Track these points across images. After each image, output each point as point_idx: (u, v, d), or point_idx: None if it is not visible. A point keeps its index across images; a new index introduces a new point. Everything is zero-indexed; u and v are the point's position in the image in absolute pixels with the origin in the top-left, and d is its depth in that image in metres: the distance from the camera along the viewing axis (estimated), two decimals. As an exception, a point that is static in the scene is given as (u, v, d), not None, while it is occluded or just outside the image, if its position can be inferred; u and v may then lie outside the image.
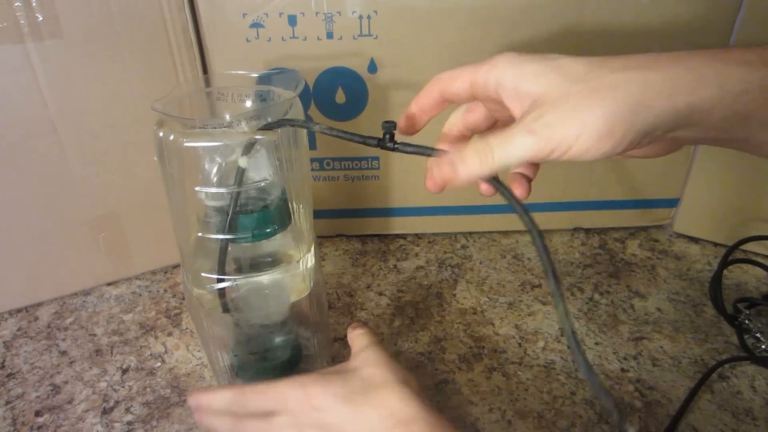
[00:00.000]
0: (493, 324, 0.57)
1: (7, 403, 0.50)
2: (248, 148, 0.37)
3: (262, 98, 0.42)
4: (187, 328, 0.57)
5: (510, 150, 0.29)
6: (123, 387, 0.51)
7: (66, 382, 0.52)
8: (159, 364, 0.53)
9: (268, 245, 0.41)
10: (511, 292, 0.62)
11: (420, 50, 0.58)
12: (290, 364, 0.46)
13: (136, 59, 0.54)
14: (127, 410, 0.49)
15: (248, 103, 0.42)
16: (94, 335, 0.57)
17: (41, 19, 0.49)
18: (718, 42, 0.59)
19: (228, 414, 0.36)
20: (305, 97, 0.60)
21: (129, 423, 0.48)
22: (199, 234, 0.40)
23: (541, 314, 0.59)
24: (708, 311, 0.59)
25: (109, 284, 0.63)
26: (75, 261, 0.60)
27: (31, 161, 0.54)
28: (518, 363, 0.53)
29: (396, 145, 0.34)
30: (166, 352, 0.55)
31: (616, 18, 0.57)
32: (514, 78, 0.31)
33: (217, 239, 0.39)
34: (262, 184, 0.39)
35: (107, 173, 0.57)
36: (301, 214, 0.43)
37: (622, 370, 0.52)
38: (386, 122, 0.34)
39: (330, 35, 0.56)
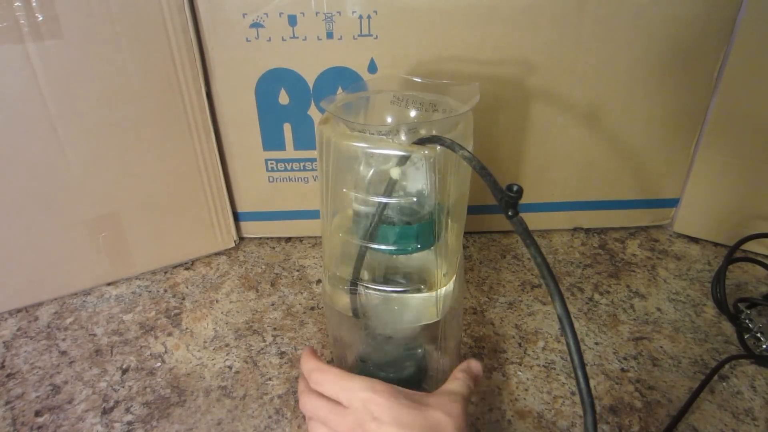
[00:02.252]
0: (493, 324, 0.57)
1: (7, 403, 0.50)
2: (403, 159, 0.36)
3: (434, 109, 0.41)
4: (187, 328, 0.57)
5: None
6: (123, 387, 0.51)
7: (66, 382, 0.52)
8: (159, 364, 0.53)
9: (407, 261, 0.40)
10: (511, 292, 0.62)
11: (420, 50, 0.58)
12: (413, 380, 0.45)
13: (136, 59, 0.54)
14: (127, 410, 0.49)
15: (413, 113, 0.41)
16: (94, 335, 0.57)
17: (41, 19, 0.49)
18: (718, 42, 0.59)
19: (305, 380, 0.39)
20: (305, 97, 0.60)
21: (129, 423, 0.48)
22: (340, 234, 0.39)
23: (541, 314, 0.59)
24: (708, 311, 0.59)
25: (109, 284, 0.63)
26: (75, 261, 0.60)
27: (31, 161, 0.54)
28: (518, 363, 0.53)
29: (513, 218, 0.31)
30: (166, 352, 0.55)
31: (616, 18, 0.57)
32: None
33: (357, 244, 0.38)
34: (412, 200, 0.37)
35: (107, 173, 0.57)
36: (451, 237, 0.40)
37: (622, 370, 0.52)
38: (513, 188, 0.30)
39: (330, 35, 0.56)
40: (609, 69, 0.60)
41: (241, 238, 0.70)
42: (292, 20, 0.55)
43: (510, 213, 0.30)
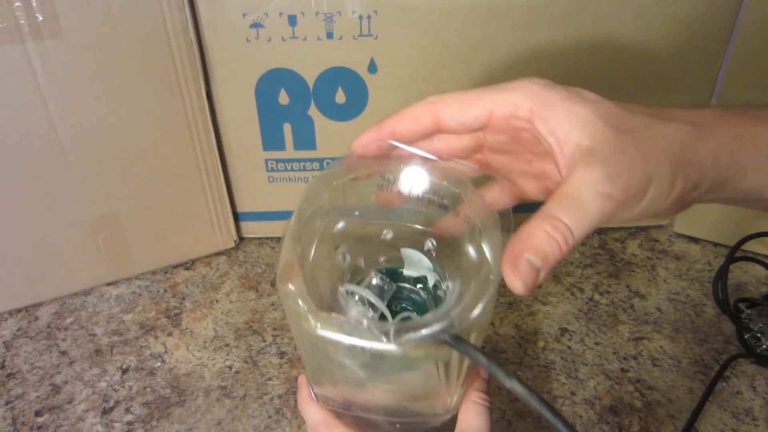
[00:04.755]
0: (493, 324, 0.57)
1: (7, 403, 0.50)
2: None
3: (431, 202, 0.32)
4: (187, 328, 0.57)
5: (588, 223, 0.25)
6: (123, 387, 0.51)
7: (66, 382, 0.52)
8: (159, 364, 0.53)
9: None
10: (510, 291, 0.62)
11: (420, 50, 0.58)
12: None
13: (136, 59, 0.54)
14: (127, 410, 0.49)
15: (420, 192, 0.32)
16: (94, 335, 0.57)
17: (41, 19, 0.49)
18: (718, 42, 0.59)
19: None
20: (305, 97, 0.60)
21: (129, 423, 0.48)
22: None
23: (541, 314, 0.59)
24: (708, 311, 0.59)
25: (109, 284, 0.63)
26: (75, 261, 0.60)
27: (31, 161, 0.54)
28: (518, 363, 0.53)
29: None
30: (166, 352, 0.55)
31: (616, 18, 0.57)
32: (554, 120, 0.27)
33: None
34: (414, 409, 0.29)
35: (107, 173, 0.57)
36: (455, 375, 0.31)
37: (622, 370, 0.52)
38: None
39: (330, 35, 0.56)
40: (609, 69, 0.60)
41: (241, 238, 0.70)
42: (292, 20, 0.55)
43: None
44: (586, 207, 0.24)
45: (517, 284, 0.25)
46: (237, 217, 0.68)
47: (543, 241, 0.24)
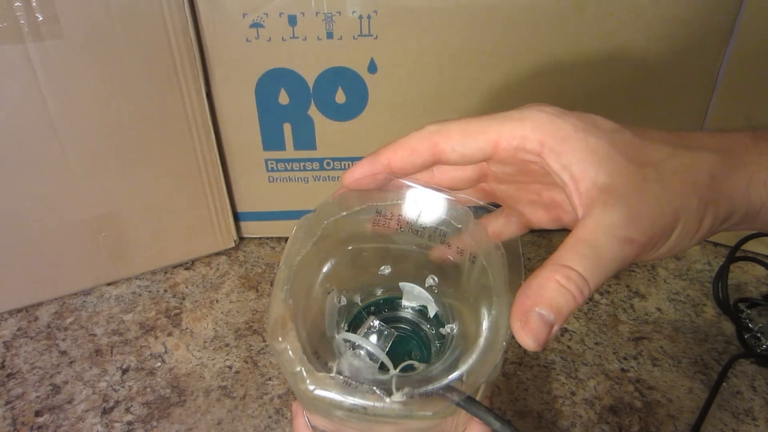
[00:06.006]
0: (493, 324, 0.57)
1: (7, 403, 0.50)
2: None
3: (428, 235, 0.30)
4: (187, 328, 0.57)
5: (605, 271, 0.23)
6: (123, 387, 0.51)
7: (66, 382, 0.52)
8: (159, 364, 0.53)
9: None
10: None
11: (420, 50, 0.58)
12: None
13: (136, 59, 0.54)
14: (127, 410, 0.49)
15: (417, 224, 0.30)
16: (94, 335, 0.57)
17: (41, 19, 0.49)
18: (718, 42, 0.59)
19: None
20: (305, 97, 0.60)
21: (129, 423, 0.48)
22: None
23: (541, 314, 0.59)
24: (708, 311, 0.59)
25: (109, 284, 0.63)
26: (75, 261, 0.60)
27: (31, 161, 0.54)
28: (518, 363, 0.53)
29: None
30: (166, 352, 0.55)
31: (616, 18, 0.57)
32: (567, 155, 0.24)
33: None
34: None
35: (107, 173, 0.57)
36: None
37: (622, 370, 0.52)
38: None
39: (330, 35, 0.56)
40: (608, 69, 0.60)
41: (241, 238, 0.70)
42: (292, 20, 0.55)
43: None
44: (603, 254, 0.23)
45: (528, 342, 0.23)
46: (237, 217, 0.68)
47: (555, 293, 0.23)
